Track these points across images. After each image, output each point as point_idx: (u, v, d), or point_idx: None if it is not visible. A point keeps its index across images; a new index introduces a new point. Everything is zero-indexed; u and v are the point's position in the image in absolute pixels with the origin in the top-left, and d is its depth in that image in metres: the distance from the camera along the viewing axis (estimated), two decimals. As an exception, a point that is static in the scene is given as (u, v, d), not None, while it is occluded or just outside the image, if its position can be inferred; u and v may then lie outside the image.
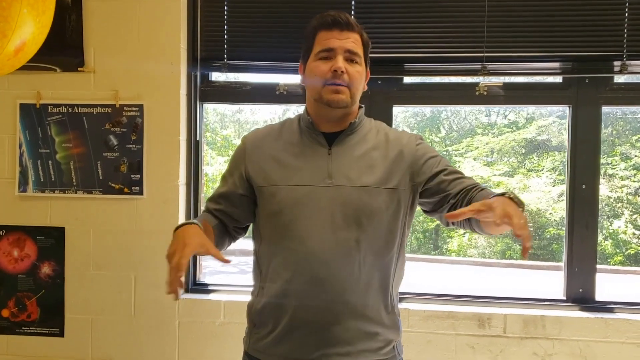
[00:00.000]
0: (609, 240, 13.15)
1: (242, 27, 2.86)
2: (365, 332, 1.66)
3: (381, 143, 1.75)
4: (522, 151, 14.88)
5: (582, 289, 2.76)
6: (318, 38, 1.72)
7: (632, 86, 2.76)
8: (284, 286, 1.67)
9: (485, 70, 2.72)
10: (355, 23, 1.73)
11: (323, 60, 1.70)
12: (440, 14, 2.76)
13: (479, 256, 13.67)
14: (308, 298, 1.64)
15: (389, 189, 1.68)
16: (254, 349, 1.76)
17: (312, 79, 1.73)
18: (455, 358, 2.69)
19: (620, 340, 2.61)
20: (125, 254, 2.82)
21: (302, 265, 1.64)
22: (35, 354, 2.88)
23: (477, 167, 14.12)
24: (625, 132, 14.67)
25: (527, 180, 13.31)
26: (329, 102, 1.69)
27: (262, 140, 1.80)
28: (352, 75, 1.69)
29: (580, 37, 2.69)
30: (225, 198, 1.81)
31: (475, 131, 15.69)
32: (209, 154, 13.74)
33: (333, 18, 1.70)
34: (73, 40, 2.79)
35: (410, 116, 16.45)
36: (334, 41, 1.69)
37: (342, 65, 1.67)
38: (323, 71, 1.69)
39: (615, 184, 13.35)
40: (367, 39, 1.77)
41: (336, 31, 1.69)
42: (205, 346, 2.79)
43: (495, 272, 10.64)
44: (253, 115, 16.53)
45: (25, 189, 2.83)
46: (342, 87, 1.68)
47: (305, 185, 1.67)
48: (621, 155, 13.76)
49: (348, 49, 1.69)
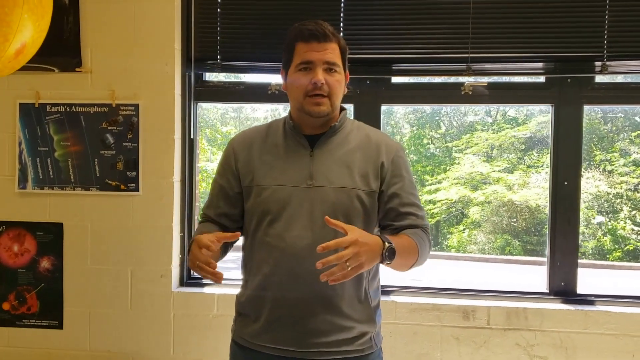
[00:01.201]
0: (608, 236, 13.21)
1: (235, 28, 2.94)
2: (339, 324, 1.75)
3: (362, 145, 1.83)
4: (522, 147, 14.94)
5: (564, 282, 2.84)
6: (297, 50, 1.79)
7: (612, 86, 2.85)
8: (264, 280, 1.77)
9: (470, 71, 2.80)
10: (332, 32, 1.79)
11: (303, 72, 1.78)
12: (427, 15, 2.84)
13: (479, 252, 13.73)
14: (286, 292, 1.74)
15: (365, 190, 1.77)
16: (239, 336, 1.86)
17: (293, 90, 1.82)
18: (441, 349, 2.78)
19: (599, 331, 2.70)
20: (122, 249, 2.91)
21: (281, 261, 1.74)
22: (35, 346, 2.97)
23: (477, 163, 14.18)
24: (624, 129, 14.71)
25: (527, 177, 13.35)
26: (310, 113, 1.78)
27: (249, 142, 1.89)
28: (331, 85, 1.78)
29: (563, 38, 2.77)
30: (225, 198, 1.89)
31: (475, 127, 15.73)
32: (210, 150, 13.83)
33: (310, 31, 1.76)
34: (70, 41, 2.88)
35: (410, 112, 16.51)
36: (313, 54, 1.76)
37: (321, 77, 1.75)
38: (303, 83, 1.77)
39: (614, 180, 13.40)
40: (344, 45, 1.84)
41: (314, 43, 1.76)
42: (199, 338, 2.88)
43: (493, 268, 10.70)
44: (254, 112, 16.63)
45: (25, 186, 2.93)
46: (323, 98, 1.77)
47: (287, 186, 1.77)
48: (620, 151, 13.79)
49: (326, 60, 1.76)
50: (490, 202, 13.78)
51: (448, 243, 14.66)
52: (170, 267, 2.89)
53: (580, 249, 10.18)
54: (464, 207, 14.55)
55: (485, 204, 13.88)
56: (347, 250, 1.49)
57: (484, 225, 14.10)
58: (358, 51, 2.86)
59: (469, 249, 14.09)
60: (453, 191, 13.97)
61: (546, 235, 2.93)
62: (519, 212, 13.63)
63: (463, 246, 14.24)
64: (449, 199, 14.10)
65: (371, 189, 1.78)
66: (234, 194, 1.87)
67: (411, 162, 15.65)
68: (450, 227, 15.00)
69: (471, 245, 14.20)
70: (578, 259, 2.86)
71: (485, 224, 14.08)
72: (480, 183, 14.04)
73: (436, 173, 15.08)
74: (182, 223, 2.98)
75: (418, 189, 11.22)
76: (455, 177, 14.15)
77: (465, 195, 13.95)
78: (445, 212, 14.73)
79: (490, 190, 13.62)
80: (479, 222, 14.15)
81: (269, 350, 1.77)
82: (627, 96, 2.84)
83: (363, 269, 1.54)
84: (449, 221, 15.14)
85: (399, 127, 16.94)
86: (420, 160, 15.86)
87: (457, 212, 14.86)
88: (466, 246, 14.22)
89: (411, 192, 1.83)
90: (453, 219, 15.08)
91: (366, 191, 1.77)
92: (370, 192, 1.78)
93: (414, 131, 16.54)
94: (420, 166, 15.60)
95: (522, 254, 13.04)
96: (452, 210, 14.81)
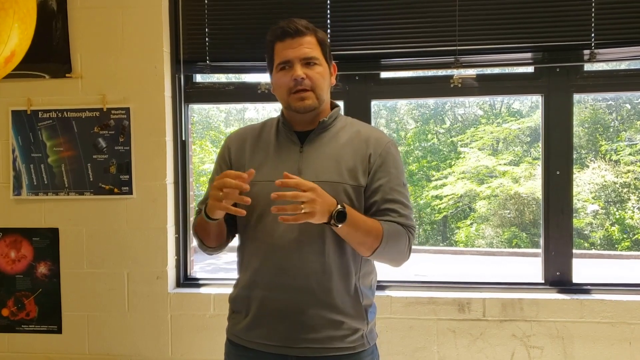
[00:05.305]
0: (616, 226, 13.14)
1: (223, 29, 2.95)
2: (328, 320, 1.74)
3: (352, 140, 1.83)
4: (527, 140, 14.90)
5: (560, 272, 2.84)
6: (276, 50, 1.82)
7: (601, 74, 2.85)
8: (253, 276, 1.79)
9: (458, 63, 2.80)
10: (306, 26, 1.80)
11: (284, 71, 1.80)
12: (414, 9, 2.84)
13: (487, 246, 13.70)
14: (274, 287, 1.75)
15: (353, 185, 1.77)
16: (231, 333, 1.87)
17: (278, 91, 1.84)
18: (437, 342, 2.78)
19: (595, 320, 2.70)
20: (118, 252, 2.93)
21: (269, 256, 1.76)
22: (35, 351, 2.99)
23: (482, 157, 14.15)
24: (629, 118, 14.64)
25: (533, 170, 13.31)
26: (297, 109, 1.80)
27: (243, 139, 1.91)
28: (313, 78, 1.78)
29: (550, 27, 2.76)
30: None
31: (479, 121, 15.70)
32: (214, 152, 13.84)
33: (282, 29, 1.79)
34: (60, 48, 2.90)
35: (414, 108, 16.50)
36: (289, 52, 1.78)
37: (300, 73, 1.76)
38: (285, 82, 1.79)
39: (620, 169, 13.33)
40: (322, 37, 1.84)
41: (288, 40, 1.78)
42: (196, 338, 2.90)
43: (500, 261, 10.68)
44: (257, 113, 16.66)
45: (20, 193, 2.95)
46: (306, 92, 1.78)
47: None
48: (626, 140, 13.71)
49: (303, 56, 1.78)
50: (497, 196, 13.76)
51: (456, 238, 14.64)
52: (166, 269, 2.90)
53: (589, 239, 10.10)
54: (470, 201, 14.53)
55: (492, 198, 13.85)
56: (305, 193, 1.55)
57: (491, 219, 14.08)
58: (346, 47, 2.87)
59: (477, 243, 14.07)
60: (459, 186, 13.95)
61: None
62: (525, 204, 13.60)
63: (471, 241, 14.22)
64: (455, 194, 14.09)
65: (359, 183, 1.77)
66: None
67: (416, 157, 15.64)
68: (457, 221, 14.98)
69: (479, 240, 14.18)
70: (573, 249, 2.86)
71: (492, 218, 14.06)
72: (487, 177, 14.02)
73: (442, 168, 15.07)
74: (177, 224, 2.99)
75: (424, 185, 11.12)
76: (461, 171, 14.13)
77: (472, 190, 13.93)
78: (452, 207, 14.71)
79: (497, 184, 13.59)
80: (486, 216, 14.13)
81: (259, 347, 1.78)
82: (616, 83, 2.83)
83: (314, 218, 1.57)
84: (457, 216, 15.12)
85: (403, 123, 16.94)
86: (425, 155, 15.85)
87: (464, 206, 14.84)
88: (474, 240, 14.20)
89: (396, 189, 1.80)
90: (460, 214, 15.07)
91: (354, 186, 1.77)
92: (357, 186, 1.77)
93: (419, 127, 16.53)
94: (425, 162, 15.59)
95: (529, 247, 13.01)
96: (459, 205, 14.79)
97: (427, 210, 14.93)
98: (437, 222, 15.46)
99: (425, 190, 14.83)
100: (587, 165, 13.69)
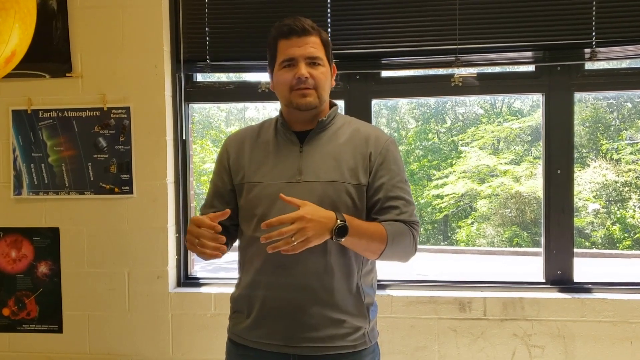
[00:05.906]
0: (617, 225, 13.12)
1: (223, 28, 2.95)
2: (330, 318, 1.74)
3: (352, 139, 1.83)
4: (528, 139, 14.88)
5: (561, 271, 2.83)
6: (279, 47, 1.81)
7: (602, 72, 2.83)
8: (255, 276, 1.79)
9: (459, 62, 2.80)
10: (312, 26, 1.80)
11: (287, 69, 1.79)
12: (414, 8, 2.83)
13: (488, 245, 13.68)
14: (276, 286, 1.75)
15: (354, 184, 1.77)
16: (233, 333, 1.87)
17: (279, 88, 1.83)
18: (438, 341, 2.78)
19: (597, 319, 2.69)
20: (118, 251, 2.93)
21: (271, 255, 1.73)
22: (36, 351, 2.99)
23: (483, 156, 14.14)
24: (630, 116, 14.63)
25: (534, 169, 13.29)
26: (298, 106, 1.79)
27: (241, 141, 1.91)
28: (316, 78, 1.78)
29: (551, 26, 2.76)
30: (219, 197, 1.90)
31: (480, 120, 15.69)
32: (215, 151, 13.84)
33: (289, 27, 1.78)
34: (60, 47, 2.90)
35: (415, 107, 16.49)
36: (294, 50, 1.77)
37: (305, 72, 1.76)
38: (288, 79, 1.78)
39: (621, 168, 13.32)
40: (326, 38, 1.84)
41: (294, 38, 1.78)
42: (197, 337, 2.90)
43: (501, 260, 10.67)
44: (257, 112, 16.66)
45: (20, 192, 2.95)
46: (308, 90, 1.78)
47: (277, 182, 1.77)
48: (627, 139, 13.69)
49: (308, 55, 1.77)
50: (497, 195, 13.75)
51: (457, 237, 14.63)
52: (166, 268, 2.90)
53: (590, 238, 10.08)
54: (471, 200, 14.52)
55: (493, 197, 13.84)
56: (291, 226, 1.54)
57: (492, 218, 14.07)
58: (347, 46, 2.87)
59: (478, 243, 14.06)
60: (460, 185, 13.94)
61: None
62: (526, 203, 13.59)
63: (472, 240, 14.21)
64: (456, 193, 14.07)
65: (360, 182, 1.77)
66: (227, 192, 1.89)
67: (417, 157, 15.63)
68: (458, 221, 14.97)
69: (480, 239, 14.17)
70: (574, 248, 2.85)
71: (493, 217, 14.05)
72: (487, 176, 14.00)
73: (443, 167, 15.05)
74: (178, 224, 2.99)
75: (425, 184, 11.10)
76: (462, 170, 14.11)
77: (473, 189, 13.92)
78: (453, 206, 14.70)
79: (498, 183, 13.58)
80: (487, 215, 14.12)
81: (261, 346, 1.78)
82: (617, 82, 2.82)
83: (311, 243, 1.57)
84: (458, 215, 15.11)
85: (404, 123, 16.92)
86: (426, 154, 15.84)
87: (465, 205, 14.83)
88: (475, 239, 14.19)
89: (398, 186, 1.80)
90: (461, 213, 15.05)
91: (355, 185, 1.76)
92: (359, 185, 1.77)
93: (419, 126, 16.52)
94: (426, 161, 15.58)
95: (530, 246, 13.00)
96: (460, 204, 14.78)
97: (428, 210, 14.92)
98: (438, 221, 15.44)
99: (426, 189, 14.82)
100: (588, 164, 13.68)
